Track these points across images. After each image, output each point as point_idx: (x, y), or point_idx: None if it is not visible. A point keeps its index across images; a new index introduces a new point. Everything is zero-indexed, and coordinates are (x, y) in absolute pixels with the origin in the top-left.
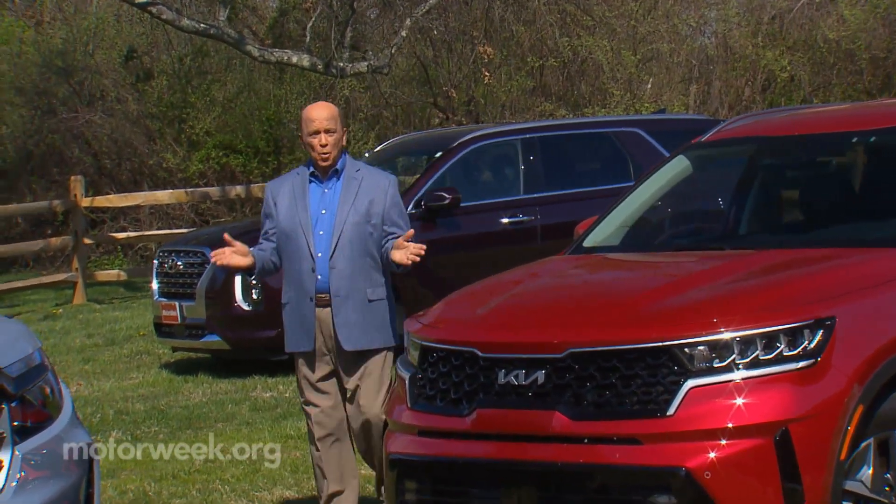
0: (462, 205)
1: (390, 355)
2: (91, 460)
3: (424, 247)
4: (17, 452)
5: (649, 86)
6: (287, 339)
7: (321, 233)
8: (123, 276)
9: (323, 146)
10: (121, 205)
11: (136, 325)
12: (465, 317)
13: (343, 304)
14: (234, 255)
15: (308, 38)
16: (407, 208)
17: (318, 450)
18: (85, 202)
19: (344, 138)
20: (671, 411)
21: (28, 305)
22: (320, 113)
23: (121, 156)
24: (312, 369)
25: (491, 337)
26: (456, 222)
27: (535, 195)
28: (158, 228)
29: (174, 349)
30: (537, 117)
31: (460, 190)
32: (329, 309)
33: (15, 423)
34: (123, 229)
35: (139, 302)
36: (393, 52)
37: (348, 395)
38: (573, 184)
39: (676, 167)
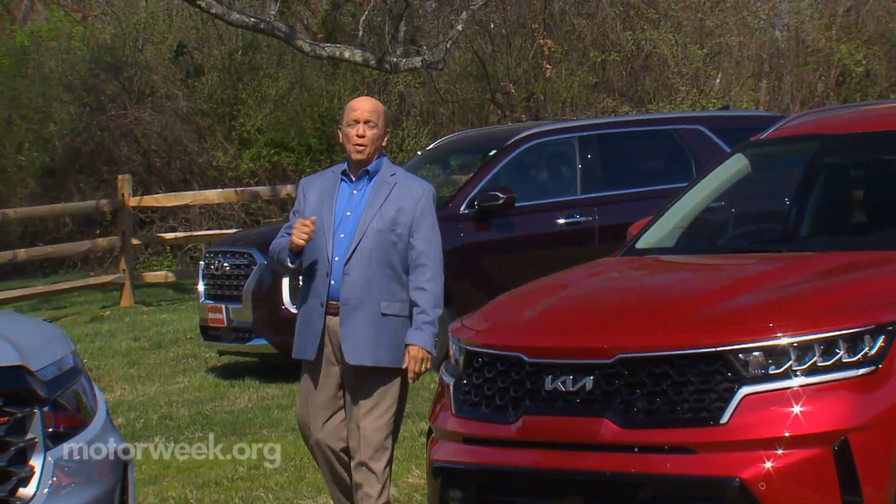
0: (517, 205)
1: (399, 379)
2: (125, 466)
3: (426, 369)
4: (49, 458)
5: (717, 81)
6: (296, 345)
7: (342, 236)
8: (171, 277)
9: (360, 137)
10: (169, 204)
11: (184, 328)
12: (511, 320)
13: (352, 314)
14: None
15: (361, 32)
16: (460, 208)
17: (329, 473)
18: (132, 202)
19: (385, 139)
20: (725, 419)
21: (75, 307)
22: (364, 104)
23: (170, 154)
24: (316, 380)
25: (538, 342)
26: (510, 223)
27: (593, 195)
28: (208, 229)
29: (220, 353)
30: (599, 114)
31: (515, 189)
32: (339, 318)
33: (48, 429)
34: (173, 229)
35: (187, 304)
36: (448, 46)
37: (348, 417)
38: (633, 183)
39: (734, 166)
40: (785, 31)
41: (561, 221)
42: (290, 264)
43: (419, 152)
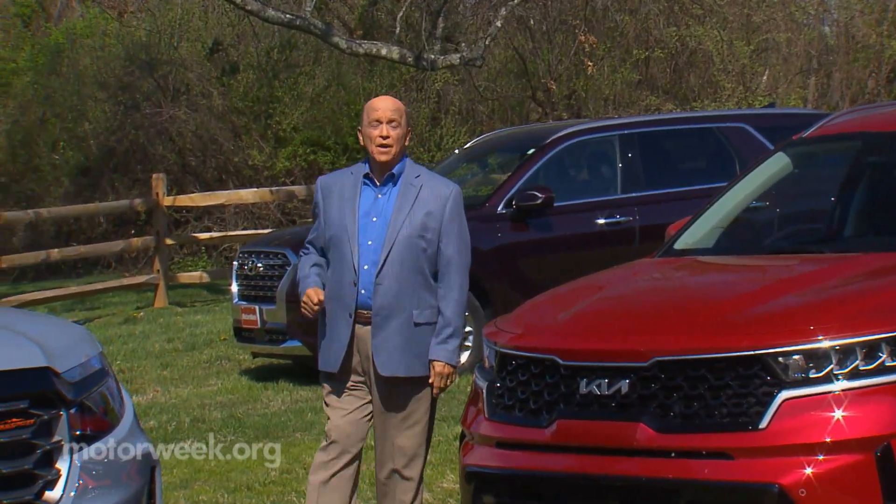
0: (555, 204)
1: (429, 389)
2: (153, 469)
3: (450, 383)
4: (75, 461)
5: (764, 78)
6: (322, 357)
7: (369, 243)
8: (206, 278)
9: (384, 138)
10: (203, 204)
11: (217, 330)
12: (545, 322)
13: (384, 324)
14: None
15: (398, 28)
16: (497, 208)
17: (325, 480)
18: (167, 201)
19: (407, 139)
20: (763, 424)
21: (109, 308)
22: (385, 103)
23: (205, 153)
24: (340, 392)
25: (572, 344)
26: (549, 223)
27: (634, 194)
28: (244, 229)
29: (254, 355)
30: (642, 112)
31: (554, 189)
32: (369, 328)
33: (74, 431)
34: (208, 229)
35: (221, 305)
36: (487, 43)
37: (377, 427)
38: (674, 182)
39: (775, 165)
40: (834, 27)
41: (601, 222)
42: None
43: (456, 151)
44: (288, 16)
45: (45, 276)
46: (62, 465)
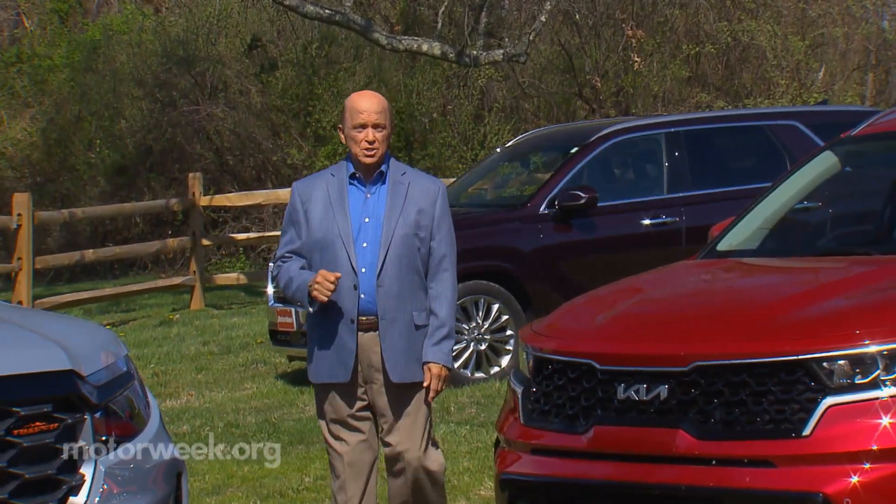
0: (599, 205)
1: (424, 392)
2: (179, 475)
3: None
4: (100, 466)
5: (820, 74)
6: (315, 369)
7: (364, 245)
8: (243, 279)
9: (370, 143)
10: (240, 204)
11: (254, 333)
12: (582, 326)
13: (390, 327)
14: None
15: (440, 24)
16: (539, 208)
17: (346, 493)
18: (203, 201)
19: (390, 136)
20: (807, 431)
21: (144, 310)
22: (370, 104)
23: (243, 151)
24: (345, 404)
25: (610, 348)
26: (592, 224)
27: (680, 194)
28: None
29: (290, 358)
30: (693, 109)
31: (598, 188)
32: (374, 334)
33: (99, 435)
34: (246, 230)
35: (259, 307)
36: (531, 38)
37: (382, 434)
38: (722, 182)
39: (822, 164)
40: (893, 21)
41: (646, 222)
42: (311, 310)
43: (498, 149)
44: (327, 11)
45: (81, 277)
46: (86, 471)
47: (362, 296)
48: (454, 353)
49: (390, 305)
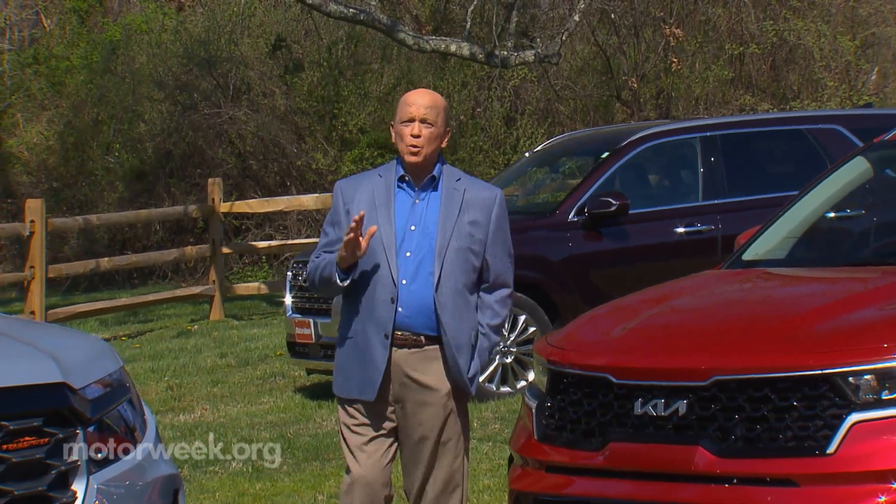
0: (631, 212)
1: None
2: (176, 492)
3: None
4: (92, 482)
5: (873, 76)
6: (340, 382)
7: (407, 254)
8: (264, 289)
9: (415, 137)
10: (261, 210)
11: (274, 345)
12: (599, 338)
13: (462, 347)
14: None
15: (469, 23)
16: (568, 215)
17: None
18: (223, 207)
19: (445, 140)
20: (831, 449)
21: (162, 321)
22: (421, 99)
23: (267, 156)
24: (369, 423)
25: (627, 361)
26: (623, 231)
27: (716, 201)
28: (307, 236)
29: (309, 371)
30: (736, 112)
31: (629, 195)
32: (409, 351)
33: (92, 451)
34: (269, 237)
35: (279, 318)
36: (564, 38)
37: (410, 459)
38: (760, 188)
39: (854, 170)
40: None
41: (680, 230)
42: (339, 282)
43: (526, 154)
44: (352, 10)
45: (99, 286)
46: (78, 487)
47: (400, 310)
48: None
49: (448, 324)
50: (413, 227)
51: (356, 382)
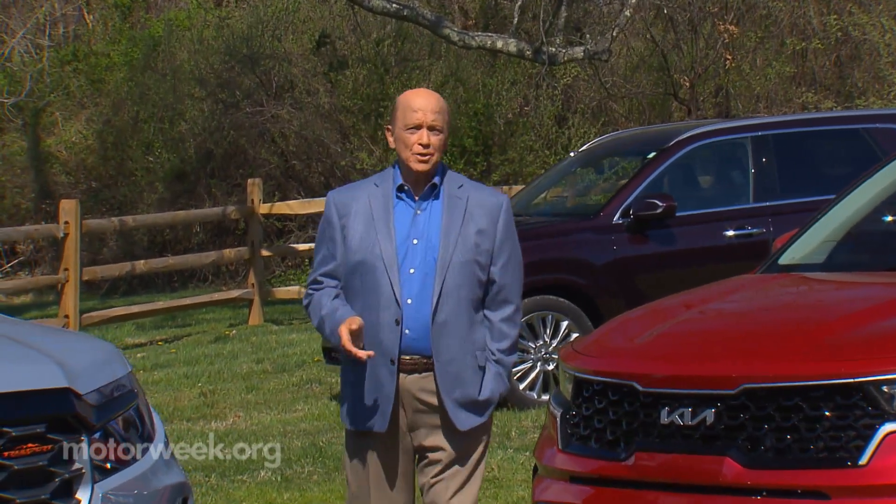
0: (678, 214)
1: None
2: (185, 501)
3: None
4: (97, 491)
5: None
6: (349, 413)
7: (411, 271)
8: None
9: (424, 146)
10: (302, 212)
11: (312, 350)
12: (625, 344)
13: (446, 370)
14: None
15: (516, 18)
16: (613, 217)
17: None
18: (263, 209)
19: (446, 143)
20: (864, 460)
21: (201, 325)
22: (426, 103)
23: (310, 155)
24: (380, 456)
25: (653, 369)
26: (670, 235)
27: (768, 203)
28: None
29: None
30: (798, 110)
31: (677, 197)
32: (419, 376)
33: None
34: (312, 239)
35: None
36: (614, 34)
37: (428, 489)
38: (814, 190)
39: None
40: None
41: (730, 233)
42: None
43: (571, 154)
44: (395, 5)
45: (138, 290)
46: (83, 496)
47: (406, 332)
48: (518, 374)
49: (449, 346)
50: (415, 241)
51: (364, 413)
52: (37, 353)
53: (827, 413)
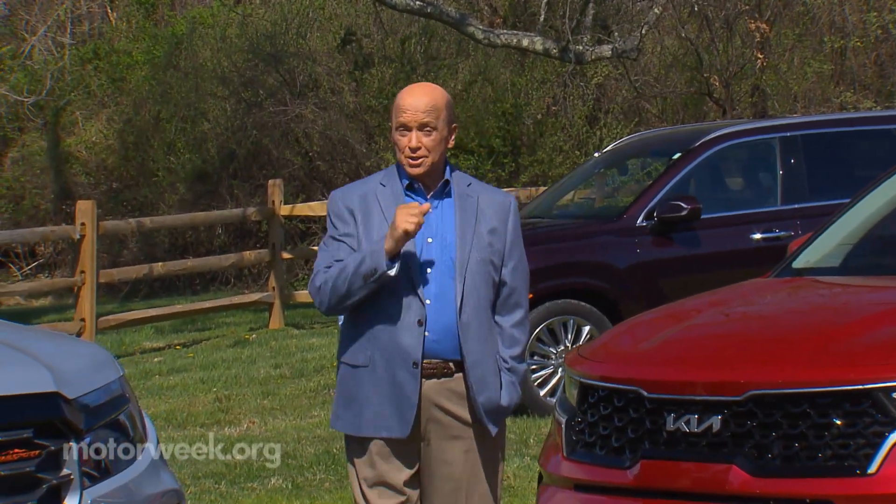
0: (703, 217)
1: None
2: None
3: None
4: (86, 497)
5: None
6: (357, 419)
7: (429, 271)
8: None
9: (414, 150)
10: (323, 213)
11: (331, 355)
12: (631, 350)
13: (485, 377)
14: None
15: (542, 16)
16: (637, 220)
17: None
18: (284, 210)
19: (452, 139)
20: (873, 469)
21: (220, 329)
22: (416, 101)
23: (334, 156)
24: (396, 464)
25: (658, 374)
26: (695, 238)
27: (796, 206)
28: None
29: None
30: (837, 109)
31: (703, 199)
32: (439, 381)
33: (86, 464)
34: None
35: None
36: (643, 32)
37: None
38: (843, 192)
39: None
40: None
41: (757, 237)
42: (387, 271)
43: (595, 154)
44: (418, 3)
45: (159, 293)
46: (71, 502)
47: (427, 334)
48: (539, 380)
49: (473, 349)
50: (430, 240)
51: (383, 418)
52: (26, 357)
53: (835, 420)
